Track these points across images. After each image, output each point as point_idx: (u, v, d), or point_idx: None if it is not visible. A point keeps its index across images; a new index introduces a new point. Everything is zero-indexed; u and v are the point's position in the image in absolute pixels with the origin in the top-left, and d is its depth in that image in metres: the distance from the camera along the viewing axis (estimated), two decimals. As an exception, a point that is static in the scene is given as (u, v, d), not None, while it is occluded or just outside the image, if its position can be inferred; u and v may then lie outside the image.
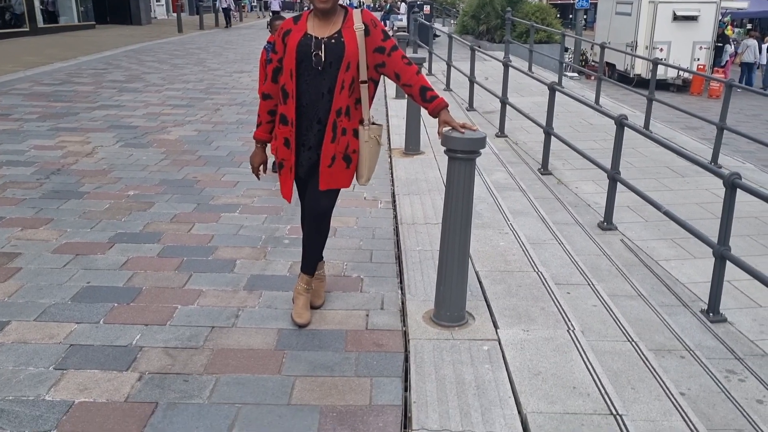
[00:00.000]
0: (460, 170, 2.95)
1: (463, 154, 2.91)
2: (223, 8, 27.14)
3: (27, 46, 16.53)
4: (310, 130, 2.96)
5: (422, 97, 2.98)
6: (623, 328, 3.47)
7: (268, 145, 3.16)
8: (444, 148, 2.96)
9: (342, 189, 3.12)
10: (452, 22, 32.83)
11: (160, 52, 16.57)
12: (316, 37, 2.87)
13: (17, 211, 4.74)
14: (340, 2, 2.96)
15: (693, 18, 19.80)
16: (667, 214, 5.07)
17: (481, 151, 2.95)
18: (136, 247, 4.15)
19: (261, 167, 3.21)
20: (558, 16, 28.40)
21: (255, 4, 47.18)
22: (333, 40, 2.87)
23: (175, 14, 27.45)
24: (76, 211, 4.77)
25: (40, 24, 20.54)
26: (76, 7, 23.41)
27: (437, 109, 2.95)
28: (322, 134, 2.95)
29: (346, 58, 2.85)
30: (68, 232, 4.36)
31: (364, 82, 2.96)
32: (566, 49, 21.07)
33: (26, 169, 5.83)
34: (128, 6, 26.69)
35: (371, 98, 3.05)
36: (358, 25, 2.91)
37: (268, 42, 5.41)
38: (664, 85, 19.40)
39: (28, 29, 19.62)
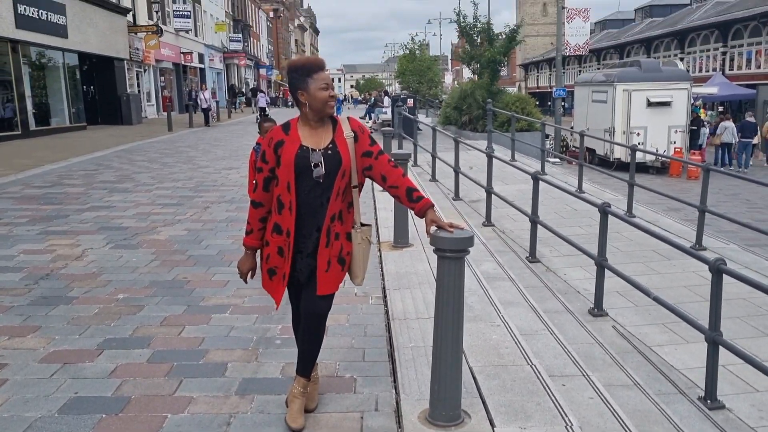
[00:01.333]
0: (449, 268, 2.99)
1: (452, 253, 2.95)
2: (203, 108, 27.86)
3: (18, 149, 16.80)
4: (308, 238, 3.01)
5: (409, 198, 3.05)
6: (622, 421, 3.43)
7: (258, 251, 3.20)
8: (433, 247, 3.01)
9: None
10: (436, 113, 33.84)
11: (150, 151, 16.88)
12: (313, 149, 2.96)
13: (5, 319, 4.69)
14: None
15: (666, 104, 20.57)
16: (656, 300, 5.10)
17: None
18: (126, 353, 4.09)
19: (249, 273, 3.23)
20: (537, 104, 29.42)
21: (243, 100, 48.50)
22: (329, 151, 2.96)
23: (165, 113, 28.13)
24: (64, 318, 4.73)
25: (32, 127, 20.93)
26: (67, 109, 23.95)
27: (423, 208, 3.02)
28: (318, 240, 3.00)
29: (343, 167, 2.95)
30: (56, 340, 4.31)
31: (355, 186, 3.05)
32: (547, 136, 21.72)
33: (14, 274, 5.81)
34: (119, 106, 27.35)
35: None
36: (348, 133, 3.02)
37: (257, 143, 5.55)
38: (643, 168, 19.89)
39: (19, 132, 19.97)
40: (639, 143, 20.12)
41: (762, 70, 31.68)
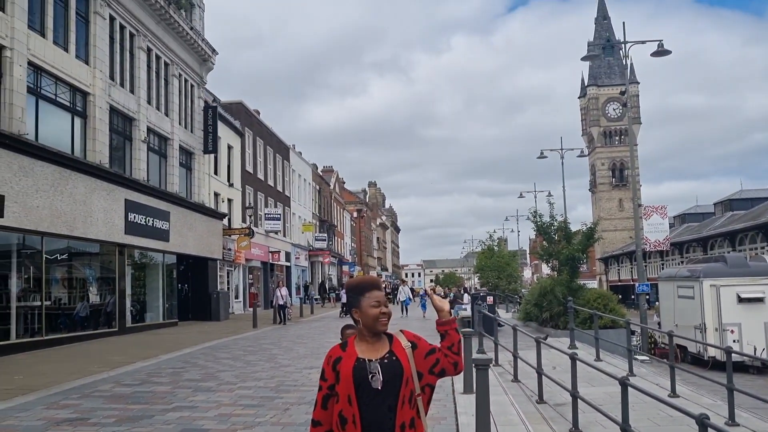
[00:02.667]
0: None
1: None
2: (279, 305, 27.29)
3: (114, 346, 17.64)
4: None
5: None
6: None
7: None
8: None
9: None
10: (516, 308, 33.57)
11: (235, 348, 17.34)
12: (370, 360, 3.09)
13: None
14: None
15: (760, 299, 19.75)
16: None
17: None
18: None
19: None
20: (620, 297, 28.82)
21: (333, 296, 49.57)
22: (386, 360, 3.08)
23: (251, 309, 29.19)
24: None
25: (129, 323, 22.11)
26: (162, 306, 25.32)
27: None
28: None
29: (405, 373, 3.05)
30: None
31: (419, 394, 3.11)
32: (632, 332, 20.98)
33: (100, 478, 5.89)
34: (209, 303, 28.70)
35: (427, 405, 3.16)
36: (405, 344, 3.15)
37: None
38: (742, 367, 18.64)
39: (116, 329, 21.10)
40: (734, 341, 19.09)
41: None
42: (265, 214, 39.81)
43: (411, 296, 37.16)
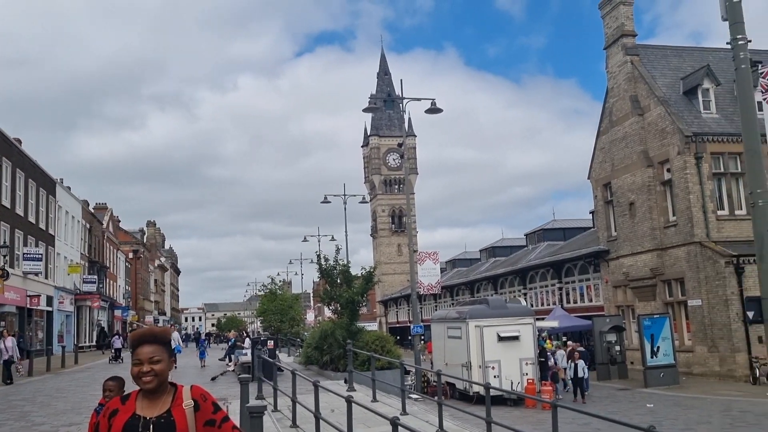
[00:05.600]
0: None
1: None
2: (4, 360, 22.27)
3: None
4: None
5: None
6: None
7: None
8: None
9: None
10: (298, 351, 33.61)
11: (-24, 407, 15.12)
12: (145, 417, 2.90)
13: None
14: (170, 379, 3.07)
15: (515, 338, 21.88)
16: None
17: None
18: None
19: None
20: (398, 338, 30.20)
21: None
22: (162, 420, 2.90)
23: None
24: None
25: None
26: None
27: None
28: None
29: None
30: None
31: None
32: (407, 372, 22.04)
33: None
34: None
35: None
36: (187, 402, 2.99)
37: (99, 404, 5.26)
38: (501, 400, 20.41)
39: None
40: (495, 376, 20.88)
41: (593, 303, 34.99)
42: (24, 253, 35.74)
43: (180, 342, 35.16)
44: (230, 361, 27.90)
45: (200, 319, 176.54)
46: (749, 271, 23.38)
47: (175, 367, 3.22)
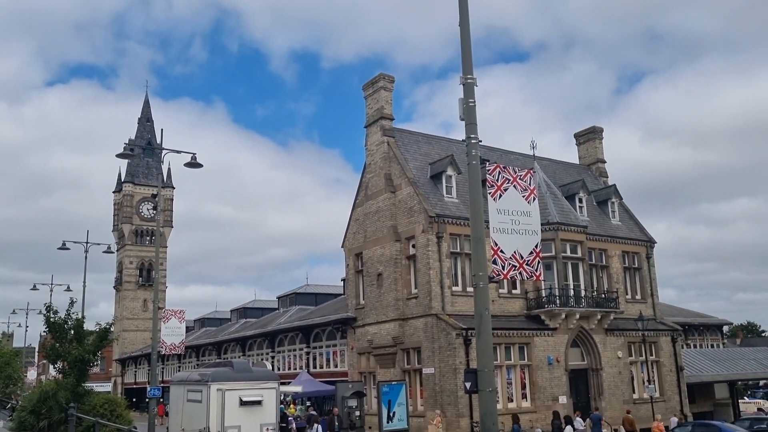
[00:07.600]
0: None
1: None
2: None
3: None
4: None
5: None
6: None
7: None
8: None
9: None
10: (10, 415, 29.49)
11: None
12: None
13: None
14: None
15: (258, 402, 21.51)
16: None
17: None
18: None
19: None
20: (133, 401, 27.90)
21: None
22: None
23: None
24: None
25: None
26: None
27: None
28: None
29: None
30: None
31: None
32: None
33: None
34: None
35: None
36: None
37: None
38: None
39: None
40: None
41: (339, 368, 35.94)
42: None
43: None
44: None
45: None
46: (475, 343, 25.92)
47: None
